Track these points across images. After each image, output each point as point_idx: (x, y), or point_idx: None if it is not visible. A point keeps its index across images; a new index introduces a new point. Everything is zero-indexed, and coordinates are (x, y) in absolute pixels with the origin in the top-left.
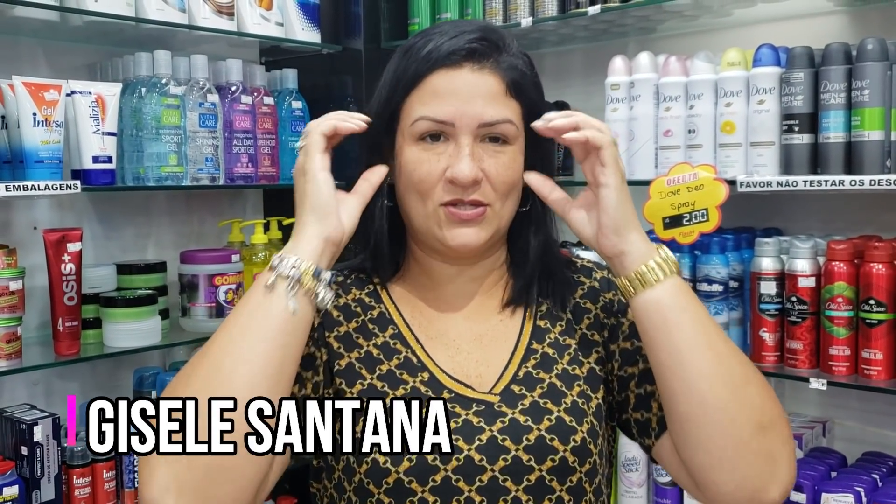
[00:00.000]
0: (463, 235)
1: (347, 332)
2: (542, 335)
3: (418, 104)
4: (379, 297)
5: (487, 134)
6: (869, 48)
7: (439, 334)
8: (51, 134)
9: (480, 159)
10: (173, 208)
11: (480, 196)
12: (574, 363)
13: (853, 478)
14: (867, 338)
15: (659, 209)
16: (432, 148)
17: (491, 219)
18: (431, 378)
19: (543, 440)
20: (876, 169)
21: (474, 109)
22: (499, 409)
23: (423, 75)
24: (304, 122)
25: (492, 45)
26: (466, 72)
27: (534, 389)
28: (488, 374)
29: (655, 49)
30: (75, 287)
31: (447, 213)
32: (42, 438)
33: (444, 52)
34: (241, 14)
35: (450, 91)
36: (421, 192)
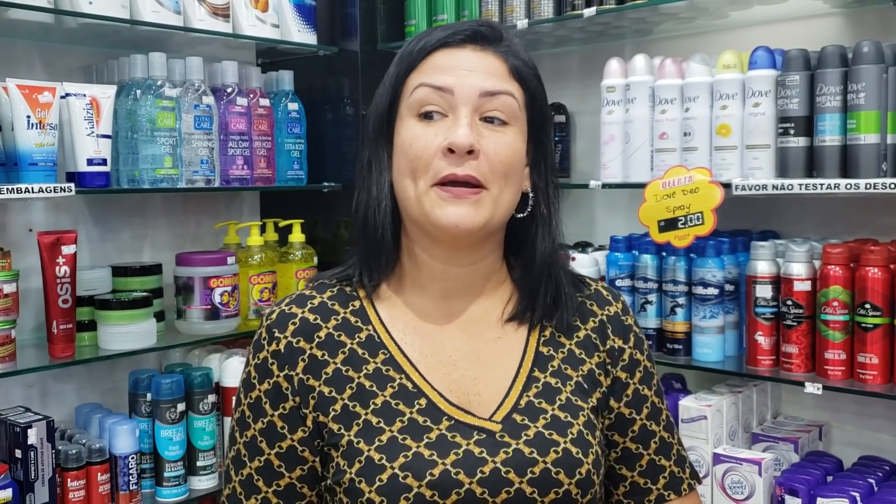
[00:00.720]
0: (456, 215)
1: (337, 369)
2: (545, 363)
3: (418, 78)
4: (366, 315)
5: (487, 111)
6: (865, 51)
7: (434, 351)
8: (45, 136)
9: (480, 134)
10: (169, 210)
11: (475, 172)
12: (578, 394)
13: (849, 482)
14: (863, 342)
15: (654, 212)
16: (431, 124)
17: (486, 202)
18: (429, 405)
19: (549, 473)
20: (872, 172)
21: (475, 79)
22: (501, 440)
23: (427, 53)
24: (300, 124)
25: (495, 31)
26: (468, 51)
27: (537, 420)
28: (487, 394)
29: (651, 51)
30: (70, 289)
31: (440, 192)
32: (36, 441)
33: (446, 34)
34: (236, 16)
35: (451, 66)
36: (415, 169)
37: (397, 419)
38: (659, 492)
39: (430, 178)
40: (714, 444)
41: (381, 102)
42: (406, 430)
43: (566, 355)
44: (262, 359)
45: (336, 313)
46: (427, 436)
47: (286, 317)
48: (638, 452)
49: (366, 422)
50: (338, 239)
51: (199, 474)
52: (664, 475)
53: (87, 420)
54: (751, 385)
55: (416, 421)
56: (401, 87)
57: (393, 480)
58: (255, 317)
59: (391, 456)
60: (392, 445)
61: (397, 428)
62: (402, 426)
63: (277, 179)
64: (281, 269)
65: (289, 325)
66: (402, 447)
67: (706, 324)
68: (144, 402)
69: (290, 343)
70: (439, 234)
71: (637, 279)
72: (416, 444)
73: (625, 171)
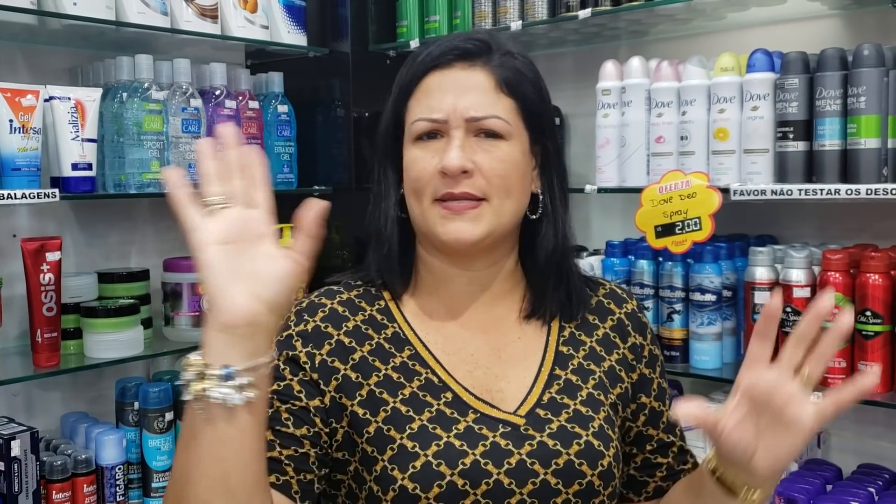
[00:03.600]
0: (456, 230)
1: (363, 356)
2: (566, 361)
3: (416, 106)
4: (391, 314)
5: (479, 129)
6: (865, 54)
7: (457, 349)
8: (28, 141)
9: (473, 152)
10: (157, 215)
11: (471, 188)
12: (599, 389)
13: (849, 491)
14: (863, 350)
15: (651, 217)
16: (428, 145)
17: (487, 214)
18: (455, 398)
19: (572, 464)
20: (872, 177)
21: (463, 104)
22: (525, 432)
23: (419, 78)
24: (290, 127)
25: (483, 45)
26: (457, 70)
27: (559, 414)
28: (510, 391)
29: (647, 53)
30: (54, 297)
31: (439, 209)
32: (20, 453)
33: (436, 54)
34: (224, 17)
35: (440, 89)
36: (417, 189)
37: (426, 409)
38: (689, 470)
39: (430, 196)
40: None
41: (387, 126)
42: (435, 419)
43: (587, 353)
44: (287, 336)
45: (363, 310)
46: (455, 427)
47: (316, 305)
48: (670, 441)
49: (394, 409)
50: (329, 243)
51: None
52: (690, 456)
53: (73, 429)
54: None
55: (444, 412)
56: (402, 113)
57: (426, 468)
58: None
59: (424, 444)
60: (424, 434)
61: (426, 418)
62: (430, 416)
63: None
64: None
65: (318, 312)
66: (433, 436)
67: (704, 330)
68: (132, 411)
69: (318, 327)
70: (444, 248)
71: (633, 285)
72: (447, 434)
73: (621, 175)
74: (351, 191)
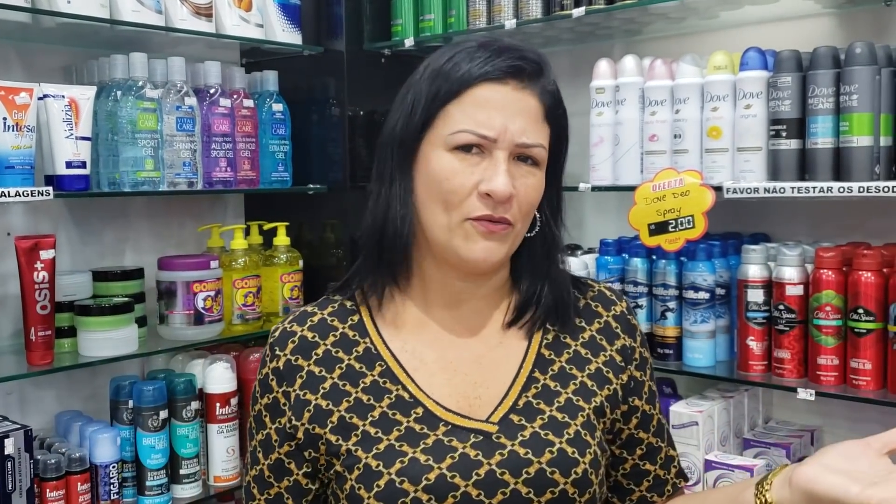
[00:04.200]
0: (486, 249)
1: (334, 383)
2: (546, 366)
3: (459, 114)
4: (364, 329)
5: (520, 154)
6: (857, 52)
7: (436, 357)
8: (22, 139)
9: (513, 177)
10: (151, 213)
11: (509, 215)
12: (580, 394)
13: None
14: (856, 347)
15: (644, 215)
16: (466, 159)
17: (511, 237)
18: (426, 412)
19: (544, 473)
20: (864, 175)
21: (515, 127)
22: (497, 441)
23: (467, 85)
24: (285, 125)
25: (536, 66)
26: (510, 88)
27: (534, 420)
28: (487, 397)
29: (641, 51)
30: (48, 295)
31: (474, 226)
32: (13, 451)
33: (489, 66)
34: (219, 15)
35: (492, 104)
36: (448, 202)
37: (394, 428)
38: (672, 480)
39: (464, 213)
40: (705, 450)
41: (413, 122)
42: (403, 437)
43: (571, 356)
44: (265, 374)
45: (335, 329)
46: (423, 442)
47: (287, 335)
48: (658, 446)
49: (364, 432)
50: (323, 241)
51: (182, 482)
52: (674, 465)
53: (67, 428)
54: (742, 390)
55: (413, 429)
56: (436, 114)
57: (390, 486)
58: (239, 321)
59: (388, 462)
60: (389, 452)
61: (394, 436)
62: (399, 434)
63: (262, 181)
64: (265, 272)
65: (288, 343)
66: (398, 453)
67: (697, 328)
68: (126, 409)
69: (289, 360)
70: (462, 264)
71: (627, 283)
72: (413, 450)
73: (614, 173)
74: (346, 189)
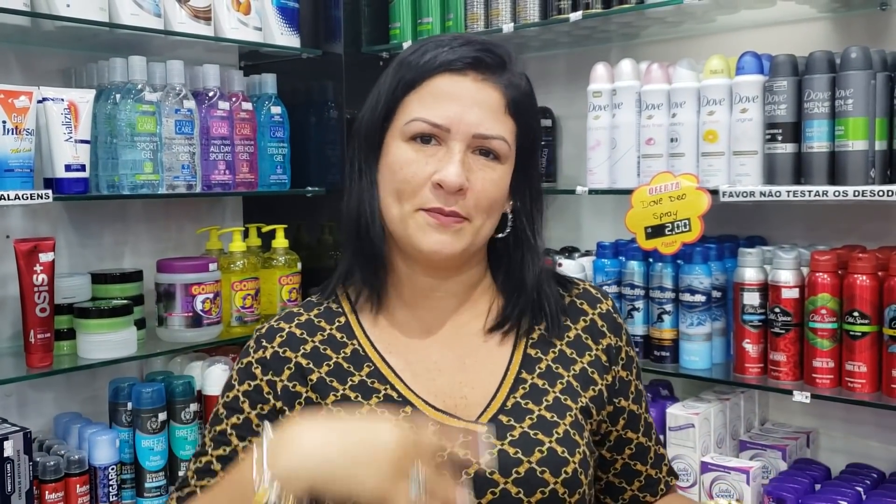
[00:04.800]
0: (437, 242)
1: (321, 377)
2: (533, 365)
3: (417, 104)
4: (351, 330)
5: (479, 146)
6: (853, 57)
7: (420, 359)
8: (21, 142)
9: (469, 170)
10: (150, 216)
11: (461, 209)
12: (567, 393)
13: (837, 491)
14: (851, 350)
15: (641, 218)
16: (422, 149)
17: (467, 232)
18: (414, 412)
19: (534, 472)
20: (860, 179)
21: (471, 118)
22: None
23: (426, 76)
24: (283, 128)
25: (497, 59)
26: (469, 80)
27: (523, 420)
28: (474, 398)
29: (638, 55)
30: (47, 298)
31: (425, 217)
32: (13, 453)
33: (449, 57)
34: (218, 18)
35: (450, 95)
36: (402, 192)
37: None
38: (664, 479)
39: (416, 203)
40: (702, 452)
41: (376, 115)
42: None
43: (557, 356)
44: (246, 363)
45: (322, 329)
46: None
47: (274, 330)
48: (647, 446)
49: None
50: (322, 244)
51: None
52: (665, 463)
53: (66, 430)
54: (738, 392)
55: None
56: (397, 105)
57: None
58: (237, 324)
59: None
60: None
61: None
62: None
63: (260, 184)
64: (264, 275)
65: (276, 337)
66: None
67: (693, 331)
68: (125, 411)
69: (277, 352)
70: (419, 256)
71: (624, 286)
72: None
73: (611, 176)
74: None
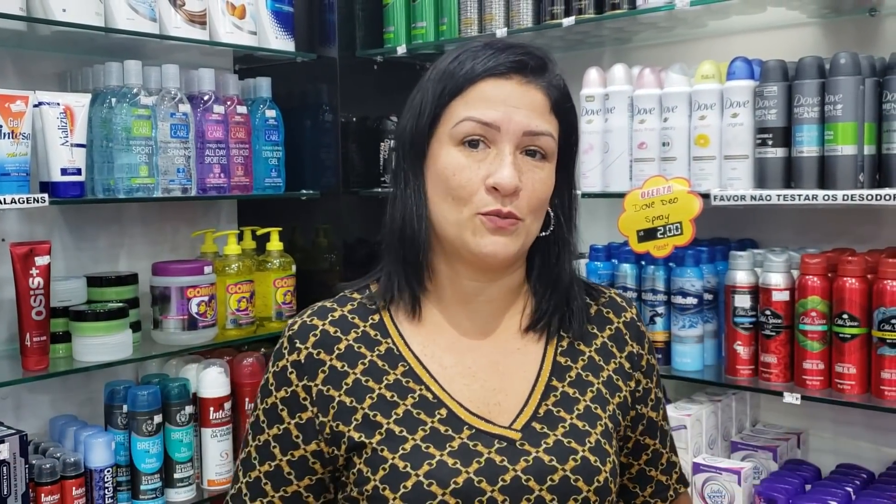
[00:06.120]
0: (494, 244)
1: (356, 379)
2: (563, 373)
3: (463, 107)
4: (385, 329)
5: (528, 146)
6: (842, 62)
7: (454, 362)
8: (17, 146)
9: (520, 170)
10: (146, 219)
11: (516, 210)
12: (597, 402)
13: (827, 491)
14: (840, 352)
15: (633, 222)
16: (473, 154)
17: (521, 232)
18: (450, 414)
19: (568, 480)
20: (849, 183)
21: (520, 117)
22: (521, 448)
23: (472, 81)
24: (278, 131)
25: (539, 61)
26: (514, 83)
27: (556, 428)
28: (507, 404)
29: (630, 59)
30: (43, 301)
31: (483, 221)
32: (9, 456)
33: (493, 62)
34: (213, 23)
35: (497, 97)
36: (458, 198)
37: (419, 428)
38: (673, 486)
39: (474, 207)
40: (694, 453)
41: (422, 122)
42: (429, 438)
43: (586, 363)
44: (282, 367)
45: (356, 326)
46: (450, 444)
47: (307, 328)
48: (661, 451)
49: (388, 430)
50: (316, 247)
51: (176, 486)
52: (675, 471)
53: (61, 432)
54: (730, 393)
55: (438, 430)
56: (443, 111)
57: (417, 488)
58: (232, 326)
59: (416, 464)
60: (416, 453)
61: (420, 437)
62: (424, 434)
63: (255, 187)
64: (259, 277)
65: (310, 337)
66: (426, 455)
67: (685, 333)
68: (120, 413)
69: (311, 354)
70: (475, 259)
71: (617, 288)
72: (440, 453)
73: (604, 180)
74: (339, 195)
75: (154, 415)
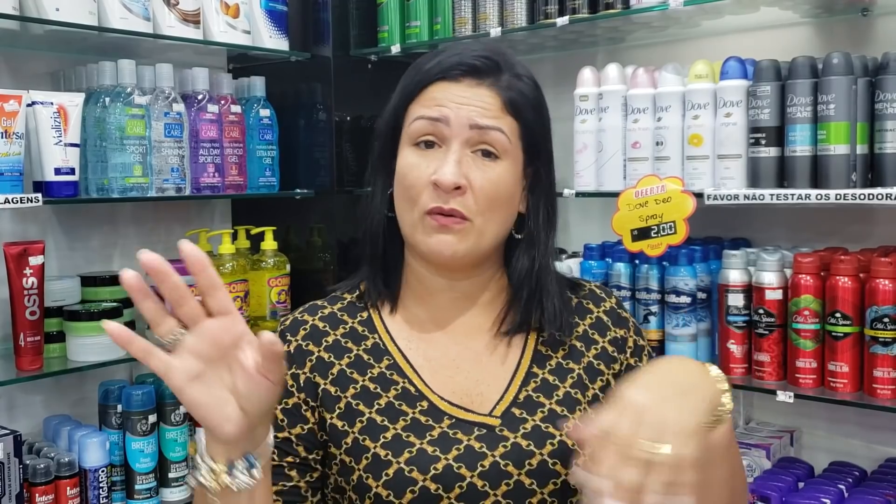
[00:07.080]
0: (439, 242)
1: (341, 370)
2: (543, 361)
3: (416, 109)
4: (372, 325)
5: (479, 143)
6: (834, 62)
7: (438, 356)
8: (11, 146)
9: (468, 168)
10: (140, 218)
11: (461, 207)
12: (577, 387)
13: (820, 489)
14: (833, 351)
15: (627, 221)
16: (426, 154)
17: (470, 233)
18: (431, 406)
19: (546, 464)
20: (841, 183)
21: (466, 112)
22: (500, 433)
23: (424, 85)
24: (272, 131)
25: (493, 63)
26: (464, 85)
27: (534, 413)
28: (489, 394)
29: (624, 59)
30: (37, 301)
31: (428, 219)
32: (3, 456)
33: (445, 66)
34: (207, 22)
35: (446, 98)
36: (409, 197)
37: (400, 418)
38: None
39: (422, 206)
40: None
41: (385, 129)
42: (409, 428)
43: (567, 352)
44: None
45: (345, 322)
46: (430, 433)
47: (298, 323)
48: None
49: (370, 420)
50: (311, 246)
51: (170, 486)
52: None
53: (55, 432)
54: None
55: (419, 420)
56: (402, 116)
57: (399, 475)
58: None
59: (396, 452)
60: (397, 442)
61: (401, 426)
62: (405, 425)
63: (249, 186)
64: (253, 277)
65: (300, 330)
66: (406, 444)
67: (679, 332)
68: (115, 413)
69: (300, 346)
70: (427, 258)
71: (611, 287)
72: (420, 441)
73: (598, 179)
74: (333, 194)
75: (148, 414)
